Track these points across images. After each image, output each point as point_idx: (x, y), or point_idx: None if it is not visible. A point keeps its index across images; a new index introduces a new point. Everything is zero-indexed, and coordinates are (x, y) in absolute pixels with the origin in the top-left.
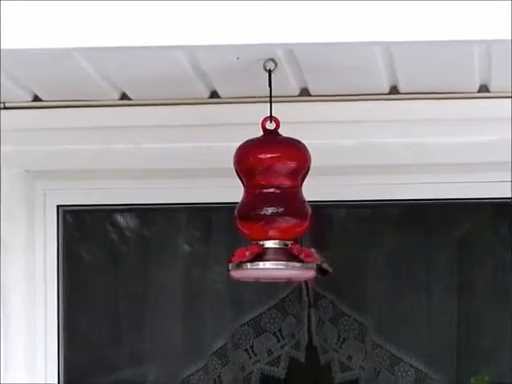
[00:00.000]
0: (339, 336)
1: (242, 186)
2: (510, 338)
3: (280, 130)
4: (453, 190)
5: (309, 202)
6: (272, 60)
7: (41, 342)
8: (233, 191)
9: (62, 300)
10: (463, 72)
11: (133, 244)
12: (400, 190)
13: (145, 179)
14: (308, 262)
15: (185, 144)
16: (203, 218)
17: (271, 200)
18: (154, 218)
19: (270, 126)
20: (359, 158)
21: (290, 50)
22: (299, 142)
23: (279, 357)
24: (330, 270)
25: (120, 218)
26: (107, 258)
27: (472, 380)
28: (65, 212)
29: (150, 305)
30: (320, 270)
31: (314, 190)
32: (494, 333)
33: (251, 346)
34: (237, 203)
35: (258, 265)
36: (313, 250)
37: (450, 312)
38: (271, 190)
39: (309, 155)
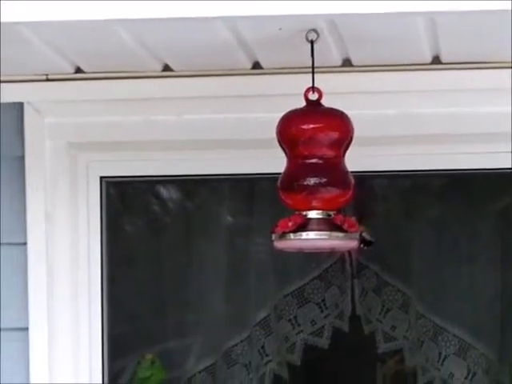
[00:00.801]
0: (383, 306)
1: (284, 156)
2: None
3: (322, 101)
4: (495, 160)
5: (351, 172)
6: (314, 30)
7: (85, 314)
8: (276, 162)
9: (105, 272)
10: (504, 41)
11: (175, 216)
12: (442, 160)
13: (187, 150)
14: (351, 232)
15: (227, 115)
16: (246, 189)
17: (314, 170)
18: (196, 189)
19: (313, 96)
20: (401, 128)
21: (332, 20)
22: (342, 112)
23: (323, 327)
24: (373, 240)
25: (162, 190)
26: (150, 229)
27: None
28: (108, 184)
29: (193, 276)
30: (362, 241)
31: (356, 160)
32: None
33: (295, 317)
34: (280, 174)
35: (301, 235)
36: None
37: (494, 282)
38: (314, 160)
39: (351, 125)
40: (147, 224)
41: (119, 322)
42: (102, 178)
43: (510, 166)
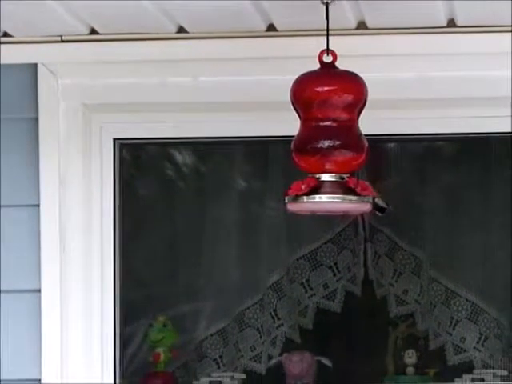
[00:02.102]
0: (395, 270)
1: (298, 119)
2: None
3: (337, 63)
4: (509, 123)
5: (365, 135)
6: None
7: (97, 277)
8: (290, 125)
9: (117, 235)
10: None
11: (189, 179)
12: (456, 124)
13: (202, 113)
14: (364, 196)
15: (241, 77)
16: (260, 151)
17: (328, 133)
18: (210, 152)
19: (327, 58)
20: (416, 92)
21: None
22: (356, 74)
23: (335, 290)
24: (386, 206)
25: (176, 153)
26: (163, 192)
27: None
28: (121, 146)
29: (206, 240)
30: (375, 207)
31: (370, 123)
32: None
33: (307, 280)
34: (294, 137)
35: (314, 198)
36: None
37: (507, 247)
38: (328, 123)
39: (365, 88)
40: (160, 187)
41: (132, 286)
42: (115, 139)
43: None
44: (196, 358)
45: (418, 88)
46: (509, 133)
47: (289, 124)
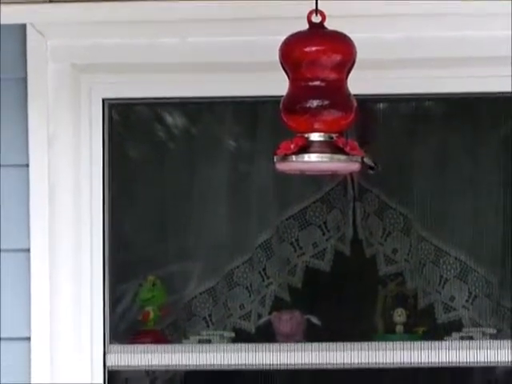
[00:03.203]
0: (384, 229)
1: (287, 79)
2: None
3: (325, 24)
4: (498, 83)
5: (354, 95)
6: None
7: (86, 237)
8: (279, 85)
9: (106, 194)
10: None
11: (178, 139)
12: (444, 84)
13: (190, 73)
14: (353, 155)
15: (230, 38)
16: (249, 112)
17: (316, 93)
18: (199, 113)
19: (316, 19)
20: (404, 52)
21: None
22: (345, 35)
23: (324, 250)
24: (373, 165)
25: (165, 113)
26: (152, 152)
27: None
28: (110, 106)
29: (195, 200)
30: (365, 166)
31: (359, 83)
32: None
33: (296, 239)
34: (282, 96)
35: (302, 157)
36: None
37: (496, 206)
38: (317, 82)
39: (354, 48)
40: (149, 147)
41: (121, 246)
42: (104, 100)
43: (507, 90)
44: (185, 317)
45: (407, 48)
46: (494, 93)
47: (278, 84)
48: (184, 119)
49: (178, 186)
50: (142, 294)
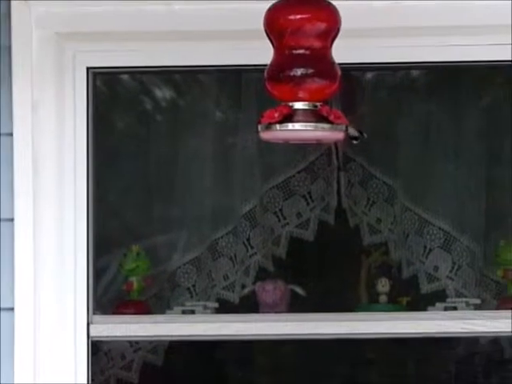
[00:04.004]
0: (368, 199)
1: (272, 47)
2: None
3: None
4: (482, 52)
5: (338, 64)
6: None
7: (70, 207)
8: (263, 53)
9: (91, 163)
10: None
11: (162, 108)
12: (428, 53)
13: (176, 41)
14: (337, 124)
15: (216, 5)
16: (234, 80)
17: (301, 61)
18: (184, 81)
19: None
20: (389, 20)
21: None
22: (329, 3)
23: (308, 219)
24: (357, 135)
25: (149, 82)
26: (136, 122)
27: (501, 242)
28: (95, 74)
29: (179, 170)
30: (349, 135)
31: (343, 52)
32: None
33: (280, 209)
34: (267, 65)
35: (287, 126)
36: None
37: (480, 176)
38: (301, 51)
39: (339, 16)
40: (134, 116)
41: (105, 216)
42: (88, 68)
43: (494, 59)
44: (169, 288)
45: (392, 16)
46: (484, 61)
47: (263, 52)
48: (169, 88)
49: (163, 155)
50: (126, 264)
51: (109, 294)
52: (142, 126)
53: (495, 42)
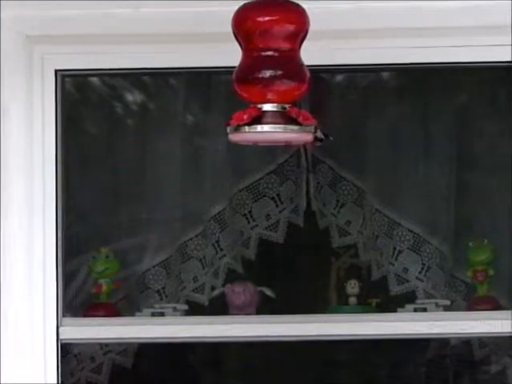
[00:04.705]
0: (337, 201)
1: (240, 49)
2: (507, 206)
3: None
4: (451, 54)
5: (307, 66)
6: None
7: (39, 211)
8: (232, 55)
9: (59, 167)
10: None
11: (131, 111)
12: (400, 55)
13: (144, 44)
14: (306, 125)
15: (183, 8)
16: (203, 82)
17: (269, 63)
18: (153, 83)
19: None
20: (358, 22)
21: None
22: (297, 4)
23: (278, 221)
24: (323, 136)
25: (118, 84)
26: (105, 124)
27: (470, 244)
28: (63, 77)
29: (148, 172)
30: (315, 137)
31: (312, 54)
32: (492, 200)
33: (250, 211)
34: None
35: (255, 128)
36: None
37: (449, 178)
38: (269, 53)
39: (307, 18)
40: (102, 119)
41: (74, 220)
42: (57, 70)
43: (467, 60)
44: (138, 290)
45: (359, 18)
46: (447, 63)
47: (231, 55)
48: (138, 91)
49: (132, 158)
50: (96, 266)
51: (78, 296)
52: (111, 129)
53: (462, 43)
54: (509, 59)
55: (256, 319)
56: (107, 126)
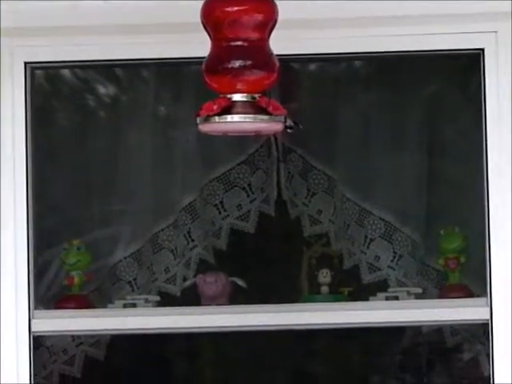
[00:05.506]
0: (308, 190)
1: (209, 40)
2: (478, 194)
3: None
4: (423, 42)
5: (277, 55)
6: None
7: (9, 204)
8: (201, 46)
9: (30, 160)
10: None
11: (102, 103)
12: (369, 44)
13: (114, 35)
14: (276, 115)
15: None
16: (172, 73)
17: (239, 53)
18: (123, 74)
19: None
20: (328, 11)
21: None
22: None
23: (249, 211)
24: (293, 124)
25: (88, 76)
26: (76, 116)
27: (442, 232)
28: (32, 69)
29: (120, 163)
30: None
31: (281, 43)
32: (463, 188)
33: (221, 202)
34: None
35: (225, 118)
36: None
37: (420, 166)
38: (238, 43)
39: (276, 8)
40: (73, 111)
41: (45, 214)
42: (26, 63)
43: (440, 48)
44: (110, 281)
45: (329, 7)
46: (417, 51)
47: (200, 45)
48: (107, 82)
49: (103, 149)
50: (67, 258)
51: (50, 288)
52: (82, 121)
53: (433, 31)
54: (478, 46)
55: (228, 309)
56: (78, 117)
